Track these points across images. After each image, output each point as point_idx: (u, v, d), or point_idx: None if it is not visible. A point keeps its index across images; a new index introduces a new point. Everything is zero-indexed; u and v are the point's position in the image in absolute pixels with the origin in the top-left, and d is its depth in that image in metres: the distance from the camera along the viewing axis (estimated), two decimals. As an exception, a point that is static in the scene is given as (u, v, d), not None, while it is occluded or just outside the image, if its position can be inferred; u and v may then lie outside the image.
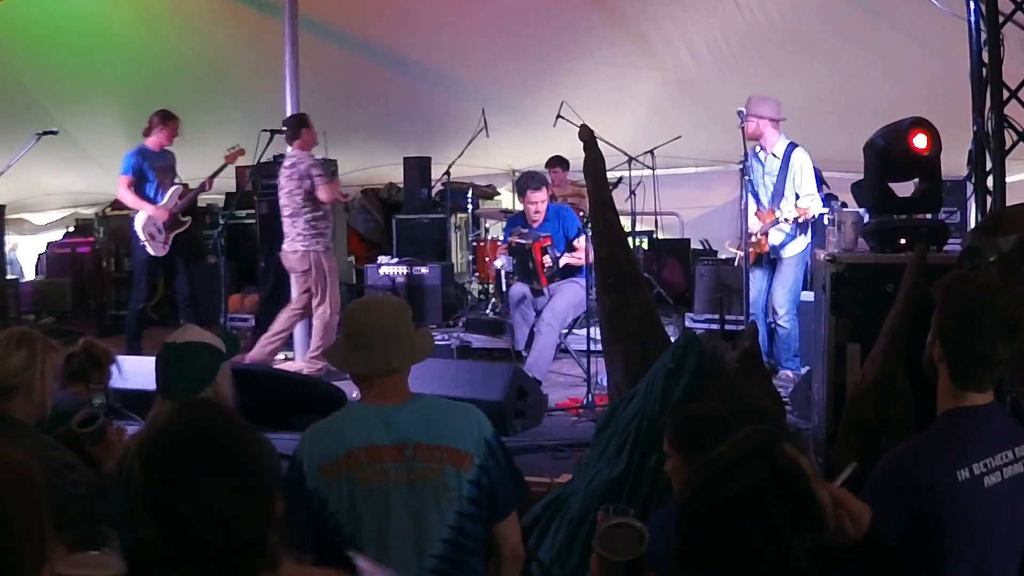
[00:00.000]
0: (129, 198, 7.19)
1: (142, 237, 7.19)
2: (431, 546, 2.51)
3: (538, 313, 6.57)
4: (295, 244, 6.90)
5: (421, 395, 2.67)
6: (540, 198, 6.67)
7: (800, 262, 6.32)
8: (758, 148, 6.32)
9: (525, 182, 6.78)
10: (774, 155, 6.24)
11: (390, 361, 2.60)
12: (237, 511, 1.62)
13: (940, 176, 4.34)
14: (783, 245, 6.25)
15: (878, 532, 1.94)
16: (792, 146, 6.22)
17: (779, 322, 6.27)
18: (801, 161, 6.18)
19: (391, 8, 9.27)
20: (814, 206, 6.04)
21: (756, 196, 6.37)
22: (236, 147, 7.42)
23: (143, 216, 7.19)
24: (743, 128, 6.13)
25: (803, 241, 6.30)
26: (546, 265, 6.47)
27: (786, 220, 6.11)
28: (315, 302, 6.87)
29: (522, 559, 2.72)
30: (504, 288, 7.17)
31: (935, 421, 2.32)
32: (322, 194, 6.79)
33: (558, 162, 9.33)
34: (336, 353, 2.73)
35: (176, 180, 7.43)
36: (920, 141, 4.24)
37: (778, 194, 6.21)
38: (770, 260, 6.35)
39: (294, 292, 7.06)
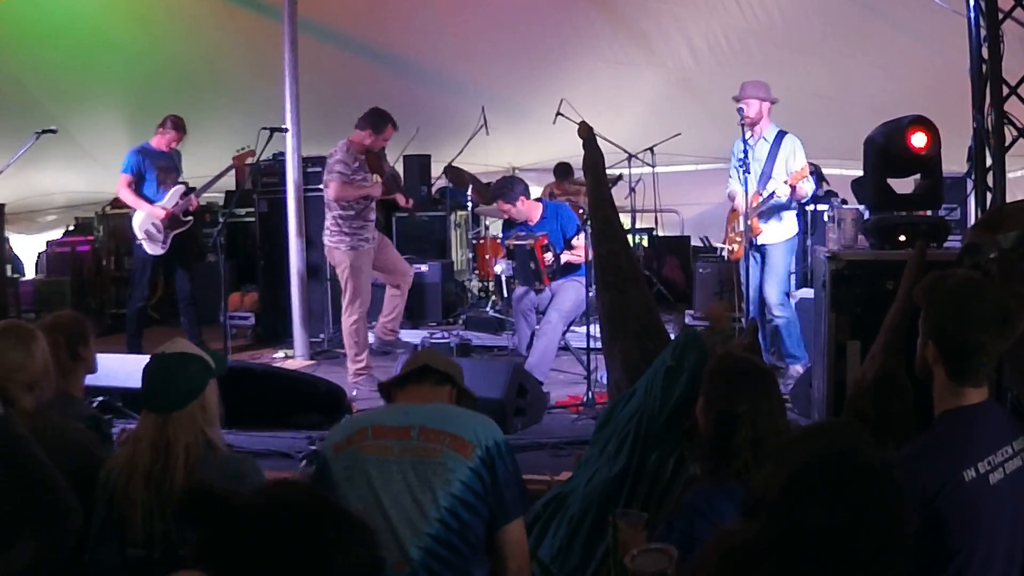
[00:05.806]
0: (128, 197, 7.16)
1: (139, 236, 7.16)
2: (426, 524, 2.55)
3: (540, 313, 6.58)
4: (325, 239, 6.58)
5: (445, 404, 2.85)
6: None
7: (788, 252, 6.29)
8: (748, 134, 6.21)
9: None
10: (764, 139, 6.21)
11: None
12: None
13: (941, 173, 4.34)
14: (782, 209, 6.19)
15: None
16: (782, 132, 6.20)
17: (775, 313, 6.19)
18: (794, 145, 6.15)
19: (390, 9, 9.26)
20: (807, 183, 6.06)
21: (744, 183, 6.29)
22: (245, 148, 7.26)
23: (141, 215, 7.15)
24: (744, 118, 6.10)
25: (789, 229, 6.27)
26: (547, 262, 6.47)
27: (780, 194, 6.03)
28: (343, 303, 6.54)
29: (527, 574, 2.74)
30: (506, 293, 7.16)
31: (934, 423, 2.31)
32: (329, 191, 6.38)
33: (567, 171, 9.29)
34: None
35: (180, 179, 7.35)
36: (918, 140, 4.23)
37: (766, 177, 6.16)
38: (759, 249, 6.23)
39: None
